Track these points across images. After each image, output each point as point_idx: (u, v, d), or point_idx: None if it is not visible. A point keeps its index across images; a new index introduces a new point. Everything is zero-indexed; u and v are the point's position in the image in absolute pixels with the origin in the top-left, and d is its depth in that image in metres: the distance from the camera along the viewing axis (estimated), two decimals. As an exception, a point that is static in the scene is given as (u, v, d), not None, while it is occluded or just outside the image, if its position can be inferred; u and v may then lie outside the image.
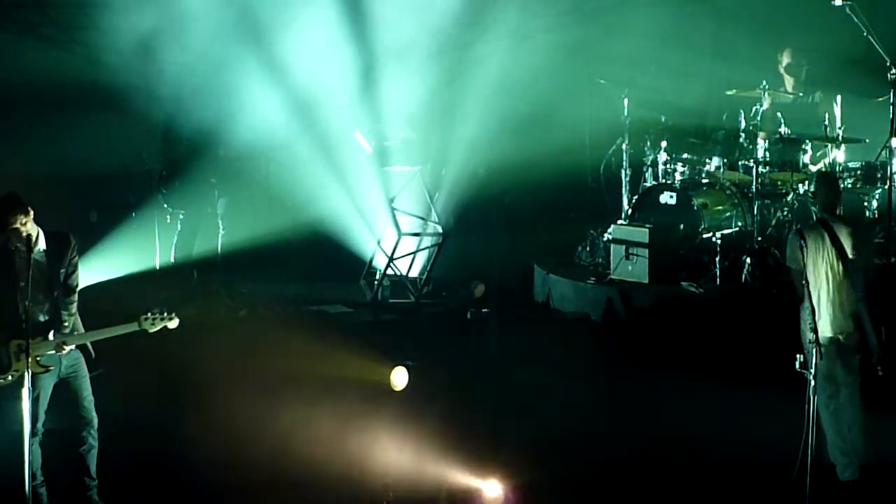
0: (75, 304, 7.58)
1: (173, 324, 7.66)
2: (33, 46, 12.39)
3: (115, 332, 7.59)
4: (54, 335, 7.38)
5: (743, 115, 11.38)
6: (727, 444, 8.46)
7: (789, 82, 11.83)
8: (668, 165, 11.77)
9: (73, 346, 7.46)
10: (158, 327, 7.64)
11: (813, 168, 11.34)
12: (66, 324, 7.48)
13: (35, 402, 7.25)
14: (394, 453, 8.52)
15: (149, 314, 7.58)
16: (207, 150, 11.88)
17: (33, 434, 7.25)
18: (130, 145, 12.33)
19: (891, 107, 10.60)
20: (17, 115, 12.05)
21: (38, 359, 7.33)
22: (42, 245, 7.44)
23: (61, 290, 7.49)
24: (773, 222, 11.30)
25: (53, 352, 7.38)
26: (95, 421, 7.61)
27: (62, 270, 7.51)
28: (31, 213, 7.36)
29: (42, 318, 7.40)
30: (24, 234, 7.30)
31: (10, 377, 7.27)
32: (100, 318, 7.77)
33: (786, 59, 11.92)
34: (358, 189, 12.44)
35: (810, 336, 7.26)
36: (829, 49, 11.96)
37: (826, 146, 11.18)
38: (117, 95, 12.06)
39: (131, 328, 7.59)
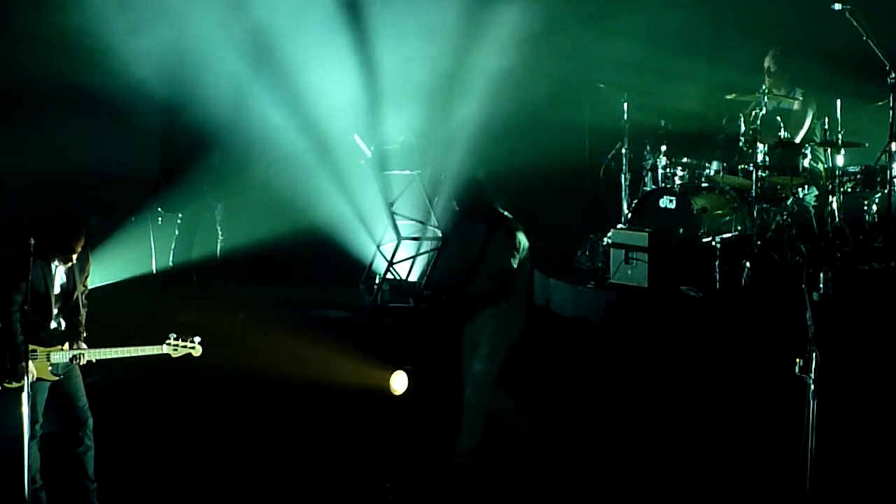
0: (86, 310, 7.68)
1: (197, 352, 7.70)
2: (32, 50, 12.38)
3: (136, 353, 7.62)
4: (71, 346, 7.42)
5: (742, 119, 11.37)
6: (726, 448, 8.45)
7: (774, 85, 11.80)
8: (667, 169, 11.76)
9: (84, 361, 7.50)
10: (181, 354, 7.67)
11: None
12: (84, 334, 7.55)
13: (33, 405, 7.28)
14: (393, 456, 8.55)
15: (171, 338, 7.62)
16: (205, 156, 11.88)
17: (32, 437, 7.27)
18: (129, 149, 12.32)
19: (890, 111, 10.62)
20: (16, 118, 12.04)
21: (50, 368, 7.38)
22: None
23: (80, 302, 7.56)
24: (773, 226, 11.29)
25: (67, 361, 7.43)
26: (91, 421, 7.63)
27: (81, 284, 7.58)
28: None
29: (63, 328, 7.47)
30: (72, 259, 7.40)
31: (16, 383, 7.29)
32: (101, 323, 7.78)
33: (766, 63, 11.88)
34: (357, 193, 12.44)
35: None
36: (829, 53, 11.95)
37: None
38: (116, 99, 12.05)
39: (155, 351, 7.61)
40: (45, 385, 7.45)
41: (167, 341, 7.64)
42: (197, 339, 7.72)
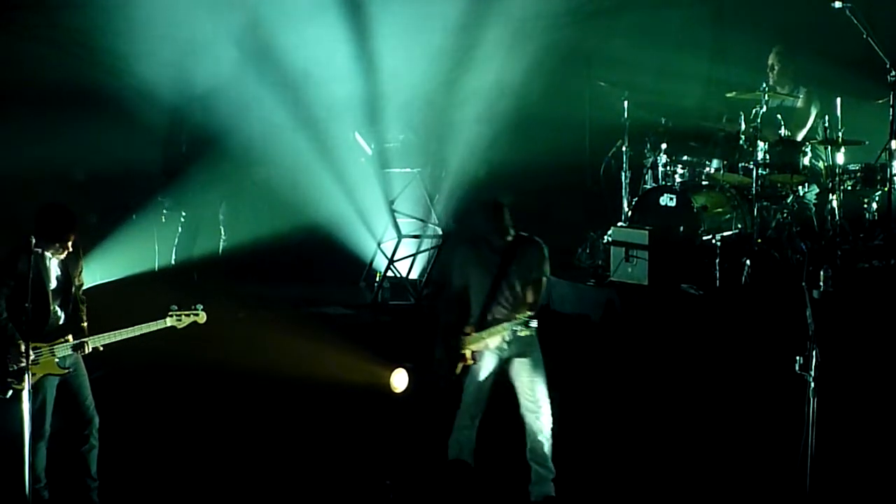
0: (85, 305, 7.70)
1: (202, 319, 7.69)
2: (33, 48, 12.38)
3: (140, 331, 7.60)
4: (74, 337, 7.45)
5: (743, 117, 11.37)
6: (726, 446, 8.46)
7: (778, 83, 11.80)
8: (667, 167, 11.76)
9: (90, 349, 7.52)
10: (187, 323, 7.67)
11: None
12: (84, 325, 7.57)
13: (42, 405, 7.31)
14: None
15: (173, 311, 7.62)
16: (207, 154, 11.89)
17: (40, 437, 7.32)
18: (131, 148, 12.33)
19: (890, 109, 10.62)
20: (17, 116, 12.04)
21: (57, 361, 7.39)
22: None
23: (77, 296, 7.57)
24: (773, 224, 11.30)
25: (72, 353, 7.44)
26: (97, 420, 7.64)
27: (76, 278, 7.59)
28: None
29: (62, 322, 7.47)
30: (66, 250, 7.40)
31: (19, 383, 7.29)
32: (100, 321, 7.78)
33: (770, 60, 11.88)
34: (358, 191, 12.45)
35: None
36: (829, 51, 11.96)
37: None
38: (118, 98, 12.06)
39: (159, 326, 7.61)
40: (53, 382, 7.46)
41: (169, 314, 7.64)
42: (199, 305, 7.72)
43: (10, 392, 7.26)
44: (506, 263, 8.05)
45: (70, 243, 7.42)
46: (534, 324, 7.83)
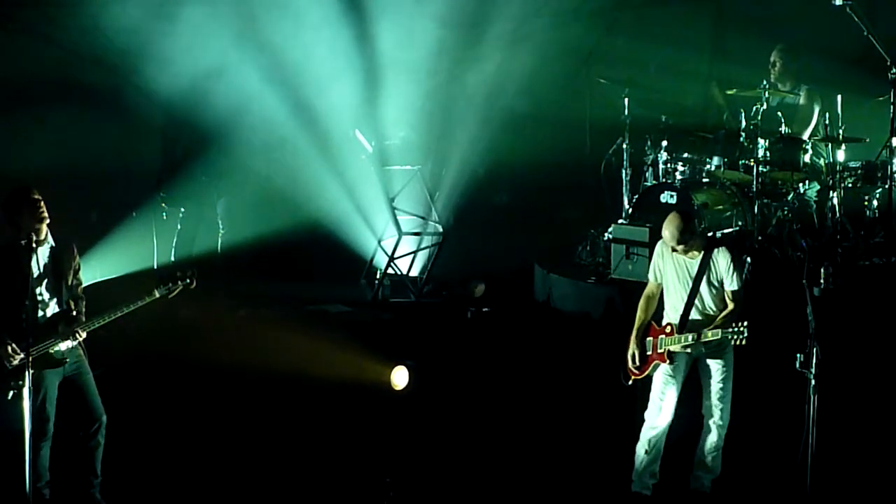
0: (84, 302, 7.65)
1: (193, 284, 7.65)
2: (32, 46, 12.38)
3: (131, 308, 7.56)
4: (63, 326, 7.40)
5: (743, 114, 11.37)
6: (727, 444, 8.45)
7: (780, 80, 11.80)
8: (668, 165, 11.75)
9: (83, 335, 7.48)
10: (177, 291, 7.62)
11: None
12: (74, 314, 7.51)
13: (43, 402, 7.29)
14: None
15: (159, 286, 7.59)
16: (206, 150, 11.89)
17: (43, 434, 7.29)
18: (130, 145, 12.34)
19: (891, 106, 10.61)
20: (17, 114, 12.04)
21: (53, 352, 7.36)
22: (51, 240, 7.50)
23: (72, 287, 7.53)
24: (774, 221, 11.29)
25: (70, 343, 7.40)
26: (104, 418, 7.62)
27: (70, 272, 7.55)
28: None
29: (50, 314, 7.43)
30: (40, 223, 7.34)
31: (21, 382, 7.26)
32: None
33: (773, 57, 11.88)
34: (358, 188, 12.46)
35: None
36: (830, 48, 11.95)
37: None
38: (117, 95, 12.06)
39: (149, 300, 7.56)
40: (54, 380, 7.43)
41: (158, 287, 7.61)
42: (189, 271, 7.71)
43: (12, 393, 7.23)
44: (699, 270, 8.05)
45: (41, 211, 7.33)
46: (746, 334, 7.80)
